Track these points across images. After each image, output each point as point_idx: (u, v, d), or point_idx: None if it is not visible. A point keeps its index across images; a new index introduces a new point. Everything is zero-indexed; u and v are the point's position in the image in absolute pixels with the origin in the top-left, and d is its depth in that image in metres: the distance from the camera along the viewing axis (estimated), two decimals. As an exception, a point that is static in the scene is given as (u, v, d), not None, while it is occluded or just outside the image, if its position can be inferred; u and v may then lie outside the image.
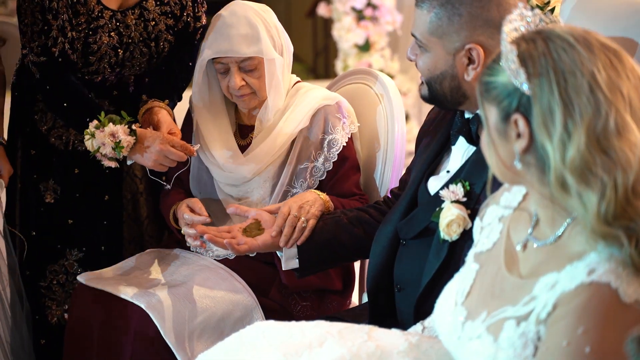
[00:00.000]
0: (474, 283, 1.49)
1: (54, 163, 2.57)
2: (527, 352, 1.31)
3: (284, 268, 2.22)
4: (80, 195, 2.58)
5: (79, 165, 2.57)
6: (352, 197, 2.40)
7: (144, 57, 2.51)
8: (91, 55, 2.43)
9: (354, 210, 2.26)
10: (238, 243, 2.17)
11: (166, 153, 2.31)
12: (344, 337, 1.52)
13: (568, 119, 1.29)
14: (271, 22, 2.41)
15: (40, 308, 2.61)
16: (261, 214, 2.22)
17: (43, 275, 2.60)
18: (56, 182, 2.58)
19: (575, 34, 1.32)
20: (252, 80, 2.38)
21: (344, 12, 5.94)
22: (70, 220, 2.59)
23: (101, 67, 2.46)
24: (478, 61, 1.85)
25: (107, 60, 2.46)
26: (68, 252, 2.60)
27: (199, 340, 2.26)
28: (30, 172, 2.59)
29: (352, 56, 5.94)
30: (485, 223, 1.56)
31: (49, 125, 2.56)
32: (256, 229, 2.22)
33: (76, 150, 2.56)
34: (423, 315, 1.82)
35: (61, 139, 2.56)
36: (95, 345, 2.32)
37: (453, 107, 1.96)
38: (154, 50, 2.51)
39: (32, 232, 2.59)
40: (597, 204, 1.27)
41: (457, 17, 1.85)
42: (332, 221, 2.22)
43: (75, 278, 2.50)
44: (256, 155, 2.41)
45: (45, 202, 2.58)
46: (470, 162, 1.92)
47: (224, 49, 2.35)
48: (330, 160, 2.42)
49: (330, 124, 2.41)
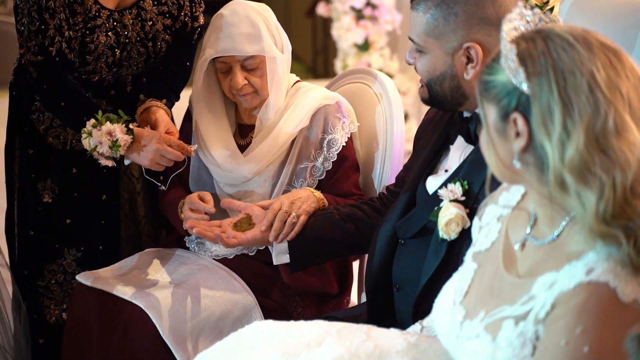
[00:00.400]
0: (472, 282, 1.49)
1: (51, 162, 2.57)
2: (525, 351, 1.30)
3: (275, 263, 2.22)
4: (78, 194, 2.58)
5: (77, 165, 2.57)
6: (350, 197, 2.40)
7: (141, 57, 2.51)
8: (88, 55, 2.43)
9: (347, 207, 2.27)
10: (227, 237, 2.17)
11: (163, 152, 2.30)
12: (342, 336, 1.52)
13: (567, 118, 1.29)
14: (271, 21, 2.41)
15: (39, 308, 2.60)
16: (252, 208, 2.23)
17: (41, 275, 2.59)
18: (54, 182, 2.57)
19: (574, 33, 1.32)
20: (254, 79, 2.38)
21: (343, 12, 5.94)
22: (68, 220, 2.58)
23: (98, 66, 2.46)
24: (477, 60, 1.85)
25: (105, 59, 2.45)
26: (66, 251, 2.59)
27: (198, 340, 2.26)
28: (28, 172, 2.58)
29: (351, 56, 5.94)
30: (483, 222, 1.56)
31: (46, 124, 2.55)
32: (247, 223, 2.23)
33: (74, 149, 2.56)
34: (422, 315, 1.82)
35: (59, 139, 2.56)
36: (94, 344, 2.32)
37: (453, 109, 1.96)
38: (152, 50, 2.51)
39: (30, 231, 2.59)
40: (595, 203, 1.27)
41: (452, 17, 1.85)
42: (323, 217, 2.23)
43: (74, 278, 2.50)
44: (256, 155, 2.41)
45: (43, 201, 2.57)
46: (469, 161, 1.92)
47: (226, 48, 2.35)
48: (330, 160, 2.41)
49: (330, 124, 2.41)
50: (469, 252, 1.56)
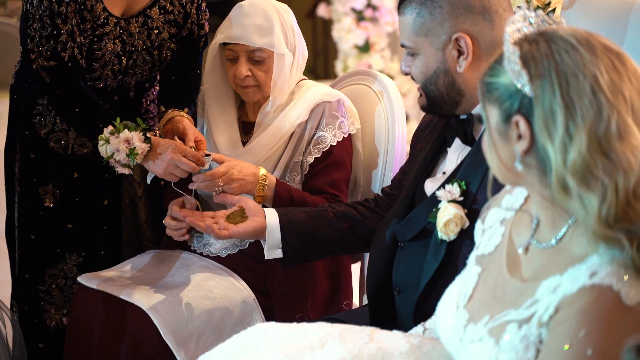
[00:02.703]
0: (476, 286, 1.48)
1: (53, 167, 2.56)
2: (528, 354, 1.30)
3: (267, 257, 2.22)
4: (79, 199, 2.58)
5: (78, 170, 2.56)
6: (321, 194, 2.39)
7: (146, 65, 2.51)
8: (95, 62, 2.43)
9: (342, 205, 2.28)
10: (219, 228, 2.18)
11: (177, 162, 2.29)
12: (345, 338, 1.51)
13: (570, 121, 1.29)
14: (288, 21, 2.43)
15: (39, 312, 2.59)
16: (246, 201, 2.24)
17: (42, 279, 2.58)
18: (55, 186, 2.56)
19: (578, 35, 1.32)
20: (258, 72, 2.40)
21: (344, 13, 5.95)
22: (70, 225, 2.58)
23: (104, 74, 2.46)
24: (467, 51, 1.88)
25: (111, 67, 2.46)
26: (67, 256, 2.58)
27: (199, 341, 2.26)
28: (29, 176, 2.57)
29: (352, 57, 5.94)
30: (486, 225, 1.56)
31: (48, 128, 2.54)
32: (240, 216, 2.24)
33: (75, 154, 2.55)
34: (422, 317, 1.82)
35: (60, 143, 2.55)
36: (95, 346, 2.32)
37: (451, 111, 1.96)
38: (157, 58, 2.51)
39: (31, 235, 2.58)
40: (598, 206, 1.27)
41: (437, 10, 1.88)
42: (317, 214, 2.24)
43: (75, 283, 2.50)
44: (255, 147, 2.43)
45: (44, 206, 2.56)
46: (466, 162, 1.93)
47: (235, 35, 2.37)
48: (313, 155, 2.42)
49: (324, 121, 2.42)
50: (472, 255, 1.55)
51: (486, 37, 1.88)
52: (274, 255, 2.22)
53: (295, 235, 2.20)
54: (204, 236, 2.51)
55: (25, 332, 2.58)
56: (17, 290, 2.65)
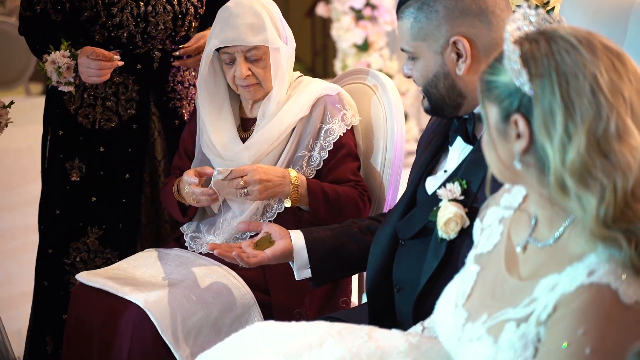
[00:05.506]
0: (475, 285, 1.48)
1: (80, 142, 2.65)
2: (527, 353, 1.30)
3: (297, 278, 2.20)
4: (104, 173, 2.66)
5: (105, 144, 2.64)
6: (347, 183, 2.42)
7: (167, 15, 2.57)
8: (113, 6, 2.50)
9: (365, 220, 2.27)
10: (247, 256, 2.16)
11: (85, 64, 2.43)
12: (344, 337, 1.51)
13: (569, 121, 1.29)
14: (276, 13, 2.46)
15: (65, 285, 2.68)
16: (270, 226, 2.21)
17: (67, 253, 2.68)
18: (81, 161, 2.65)
19: (578, 35, 1.32)
20: (257, 70, 2.42)
21: (343, 12, 5.95)
22: (94, 198, 2.66)
23: (124, 18, 2.52)
24: (465, 54, 1.88)
25: (130, 10, 2.52)
26: (89, 229, 2.67)
27: (197, 338, 2.26)
28: (57, 152, 2.67)
29: (350, 56, 5.94)
30: (485, 224, 1.56)
31: (77, 104, 2.63)
32: (267, 241, 2.21)
33: (102, 128, 2.64)
34: (422, 316, 1.82)
35: (88, 118, 2.63)
36: (94, 343, 2.33)
37: (454, 113, 1.96)
38: (177, 9, 2.58)
39: (56, 210, 2.67)
40: (596, 207, 1.27)
41: (434, 14, 1.89)
42: (341, 230, 2.23)
43: (97, 256, 2.62)
44: (255, 143, 2.44)
45: (71, 180, 2.65)
46: (467, 160, 1.93)
47: (230, 38, 2.38)
48: (326, 149, 2.44)
49: (328, 114, 2.44)
50: (471, 254, 1.56)
51: (484, 39, 1.88)
52: (303, 276, 2.20)
53: (322, 253, 2.19)
54: (201, 236, 2.51)
55: (37, 307, 2.73)
56: (41, 265, 2.74)
